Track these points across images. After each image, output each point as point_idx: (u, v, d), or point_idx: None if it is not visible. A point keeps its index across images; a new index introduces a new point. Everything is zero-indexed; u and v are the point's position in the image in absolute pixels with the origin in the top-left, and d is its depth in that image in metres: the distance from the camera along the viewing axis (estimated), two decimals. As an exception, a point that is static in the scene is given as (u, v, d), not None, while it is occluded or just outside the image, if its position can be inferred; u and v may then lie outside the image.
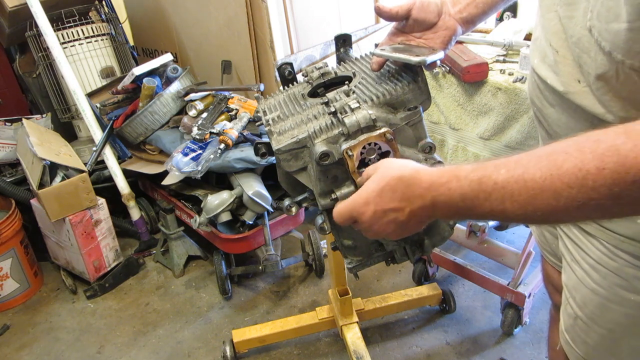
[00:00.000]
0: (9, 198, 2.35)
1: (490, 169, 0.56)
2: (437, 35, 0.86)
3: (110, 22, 2.77)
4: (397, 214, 0.64)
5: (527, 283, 1.77)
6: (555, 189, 0.51)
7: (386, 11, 0.85)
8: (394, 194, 0.63)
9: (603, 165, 0.49)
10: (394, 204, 0.63)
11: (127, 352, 2.00)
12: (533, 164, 0.53)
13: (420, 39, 0.87)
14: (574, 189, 0.50)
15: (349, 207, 0.68)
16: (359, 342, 1.74)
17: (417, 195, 0.62)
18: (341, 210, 0.69)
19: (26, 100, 2.98)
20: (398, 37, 0.88)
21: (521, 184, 0.53)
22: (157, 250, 2.52)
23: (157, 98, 2.34)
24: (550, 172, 0.51)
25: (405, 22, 0.86)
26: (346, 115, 0.72)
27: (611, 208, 0.51)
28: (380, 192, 0.64)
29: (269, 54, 2.46)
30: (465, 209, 0.59)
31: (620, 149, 0.48)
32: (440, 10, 0.85)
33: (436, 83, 1.76)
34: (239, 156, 2.01)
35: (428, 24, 0.86)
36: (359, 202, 0.66)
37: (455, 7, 0.86)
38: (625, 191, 0.48)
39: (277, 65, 1.73)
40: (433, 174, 0.61)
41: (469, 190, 0.57)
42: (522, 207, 0.54)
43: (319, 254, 2.23)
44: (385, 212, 0.64)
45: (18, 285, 2.31)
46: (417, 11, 0.84)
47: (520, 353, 1.80)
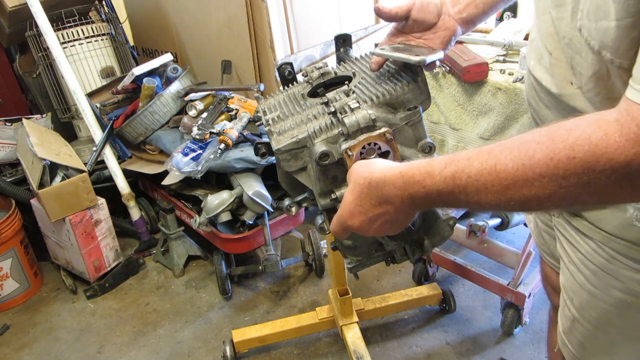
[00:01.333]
0: (9, 198, 2.35)
1: (463, 162, 0.57)
2: (437, 36, 0.86)
3: (110, 22, 2.77)
4: (384, 216, 0.65)
5: (527, 283, 1.77)
6: (527, 179, 0.52)
7: (386, 12, 0.85)
8: (371, 200, 0.64)
9: (574, 154, 0.50)
10: (376, 210, 0.64)
11: (127, 352, 2.00)
12: (505, 154, 0.54)
13: (420, 39, 0.86)
14: (545, 178, 0.51)
15: (339, 222, 0.69)
16: (359, 342, 1.74)
17: (393, 195, 0.62)
18: (334, 227, 0.71)
19: (26, 100, 2.98)
20: (398, 38, 0.88)
21: (494, 176, 0.54)
22: (157, 250, 2.52)
23: (157, 98, 2.34)
24: (522, 162, 0.52)
25: (404, 22, 0.86)
26: (346, 115, 0.72)
27: (580, 196, 0.52)
28: (359, 202, 0.65)
29: (269, 54, 2.46)
30: (443, 202, 0.60)
31: (591, 138, 0.49)
32: (440, 11, 0.85)
33: (436, 83, 1.76)
34: (239, 156, 2.01)
35: (427, 24, 0.86)
36: (344, 216, 0.67)
37: (455, 7, 0.86)
38: (595, 179, 0.49)
39: (277, 65, 1.73)
40: (404, 173, 0.61)
41: (443, 186, 0.58)
42: (496, 197, 0.55)
43: (319, 254, 2.23)
44: (371, 218, 0.65)
45: (18, 285, 2.31)
46: (416, 12, 0.84)
47: (520, 353, 1.80)
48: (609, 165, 0.48)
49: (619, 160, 0.48)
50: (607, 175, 0.49)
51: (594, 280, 0.80)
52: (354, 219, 0.66)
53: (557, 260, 1.03)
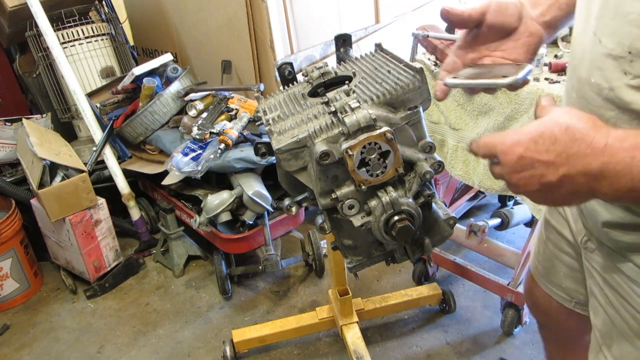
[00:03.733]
0: (9, 198, 2.35)
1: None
2: (520, 44, 0.71)
3: (110, 22, 2.77)
4: (547, 170, 0.53)
5: (527, 283, 1.77)
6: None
7: (457, 14, 0.70)
8: (553, 145, 0.52)
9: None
10: (547, 156, 0.52)
11: (127, 352, 2.00)
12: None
13: (497, 52, 0.72)
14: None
15: (497, 140, 0.56)
16: (359, 342, 1.74)
17: (582, 155, 0.50)
18: (486, 140, 0.58)
19: (26, 100, 2.98)
20: (468, 54, 0.74)
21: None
22: (157, 250, 2.52)
23: (157, 98, 2.34)
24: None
25: (476, 30, 0.72)
26: (346, 115, 0.72)
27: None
28: (538, 137, 0.53)
29: (269, 54, 2.46)
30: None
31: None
32: (521, 13, 0.71)
33: (436, 83, 1.76)
34: (239, 156, 2.01)
35: (507, 29, 0.71)
36: (509, 138, 0.55)
37: (536, 9, 0.72)
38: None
39: (277, 65, 1.73)
40: (613, 135, 0.49)
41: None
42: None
43: (319, 253, 2.23)
44: (533, 162, 0.53)
45: (18, 285, 2.31)
46: (493, 15, 0.70)
47: (520, 353, 1.79)
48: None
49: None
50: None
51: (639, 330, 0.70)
52: (515, 148, 0.54)
53: (559, 288, 0.99)
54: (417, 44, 1.87)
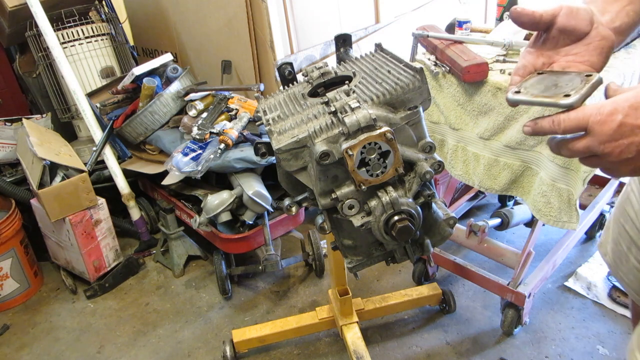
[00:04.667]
0: (9, 198, 2.35)
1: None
2: (592, 47, 0.69)
3: (110, 22, 2.77)
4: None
5: (527, 283, 1.77)
6: None
7: (528, 14, 0.68)
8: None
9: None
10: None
11: (127, 352, 2.00)
12: None
13: (568, 56, 0.70)
14: None
15: (589, 111, 0.56)
16: (359, 342, 1.74)
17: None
18: (574, 114, 0.57)
19: (26, 100, 2.98)
20: (538, 58, 0.72)
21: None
22: (157, 250, 2.52)
23: (157, 98, 2.34)
24: None
25: (546, 34, 0.71)
26: (346, 115, 0.72)
27: None
28: (638, 104, 0.53)
29: (269, 54, 2.46)
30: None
31: None
32: (592, 18, 0.69)
33: (436, 83, 1.76)
34: (239, 156, 2.01)
35: (578, 34, 0.69)
36: (604, 108, 0.55)
37: (605, 15, 0.71)
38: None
39: (277, 65, 1.73)
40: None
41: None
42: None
43: (319, 253, 2.23)
44: (634, 128, 0.54)
45: (18, 285, 2.31)
46: (564, 18, 0.68)
47: (520, 353, 1.80)
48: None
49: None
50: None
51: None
52: (612, 117, 0.54)
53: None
54: (417, 44, 1.87)
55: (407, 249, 0.82)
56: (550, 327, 1.88)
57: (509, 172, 1.64)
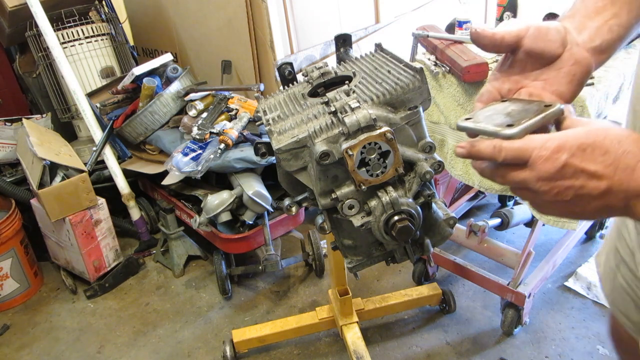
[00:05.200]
0: (9, 198, 2.35)
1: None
2: (563, 73, 0.62)
3: (110, 22, 2.77)
4: (589, 182, 0.48)
5: (527, 283, 1.77)
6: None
7: (487, 36, 0.62)
8: (603, 156, 0.48)
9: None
10: (595, 166, 0.48)
11: (127, 352, 2.00)
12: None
13: (537, 82, 0.64)
14: None
15: (532, 144, 0.50)
16: (359, 342, 1.74)
17: (630, 169, 0.47)
18: (517, 145, 0.51)
19: (26, 100, 2.98)
20: (504, 83, 0.66)
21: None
22: (157, 250, 2.52)
23: (157, 98, 2.34)
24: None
25: (512, 57, 0.65)
26: (346, 115, 0.72)
27: None
28: (588, 145, 0.48)
29: (269, 54, 2.46)
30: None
31: None
32: (565, 39, 0.62)
33: (436, 83, 1.76)
34: (239, 156, 2.01)
35: (548, 57, 0.62)
36: (551, 142, 0.49)
37: (583, 33, 0.63)
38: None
39: (277, 65, 1.73)
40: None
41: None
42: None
43: (319, 253, 2.23)
44: (577, 171, 0.49)
45: (18, 285, 2.31)
46: (531, 40, 0.62)
47: (520, 353, 1.80)
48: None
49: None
50: None
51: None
52: (557, 154, 0.49)
53: (632, 322, 0.93)
54: (417, 44, 1.87)
55: (407, 249, 0.82)
56: (550, 327, 1.88)
57: (509, 172, 1.63)
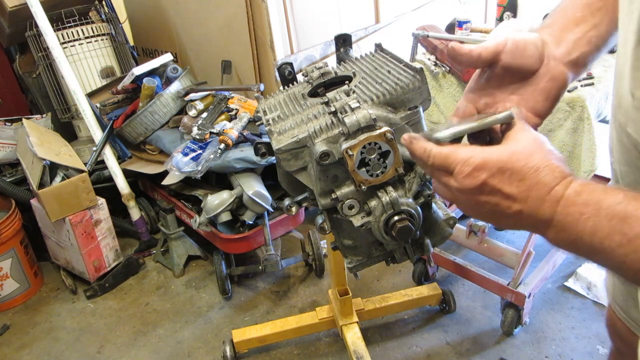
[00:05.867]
0: (9, 198, 2.35)
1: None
2: (539, 90, 0.63)
3: (110, 22, 2.77)
4: (505, 202, 0.51)
5: (527, 283, 1.77)
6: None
7: (465, 54, 0.62)
8: (520, 182, 0.50)
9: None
10: (511, 189, 0.51)
11: (127, 352, 2.00)
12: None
13: (513, 96, 0.64)
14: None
15: (458, 157, 0.52)
16: (359, 342, 1.74)
17: (540, 200, 0.50)
18: (445, 154, 0.54)
19: (26, 100, 2.98)
20: (481, 98, 0.66)
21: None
22: (157, 250, 2.52)
23: (157, 98, 2.34)
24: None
25: (490, 71, 0.65)
26: (346, 115, 0.72)
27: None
28: (507, 169, 0.51)
29: (269, 54, 2.46)
30: (589, 246, 0.47)
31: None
32: (542, 53, 0.62)
33: (436, 83, 1.76)
34: (239, 156, 2.01)
35: (525, 72, 0.63)
36: (474, 159, 0.52)
37: (560, 46, 0.63)
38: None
39: (277, 65, 1.73)
40: (573, 188, 0.49)
41: (605, 225, 0.45)
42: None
43: (319, 253, 2.23)
44: (494, 190, 0.51)
45: (18, 285, 2.31)
46: (508, 55, 0.62)
47: (520, 353, 1.80)
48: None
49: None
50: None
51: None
52: (478, 172, 0.51)
53: (632, 318, 0.95)
54: (417, 44, 1.87)
55: (407, 249, 0.82)
56: (550, 327, 1.88)
57: (509, 172, 1.63)
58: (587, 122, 1.40)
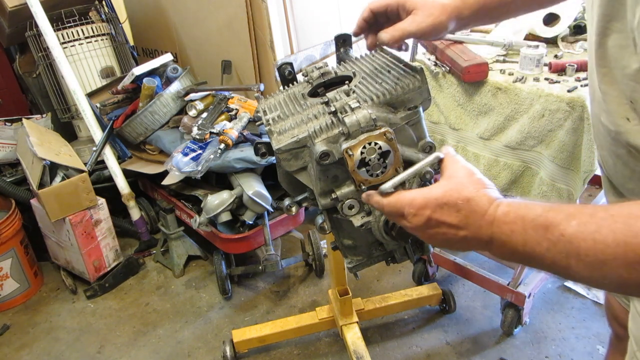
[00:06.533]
0: (9, 198, 2.35)
1: (561, 216, 0.51)
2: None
3: (110, 22, 2.77)
4: (451, 230, 0.60)
5: (527, 283, 1.77)
6: (627, 260, 0.45)
7: (389, 39, 0.81)
8: (457, 212, 0.59)
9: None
10: (452, 220, 0.59)
11: (127, 352, 2.00)
12: (607, 223, 0.47)
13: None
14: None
15: (404, 201, 0.62)
16: (359, 342, 1.74)
17: (478, 225, 0.58)
18: (393, 202, 0.64)
19: (26, 100, 2.98)
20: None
21: (590, 244, 0.47)
22: (157, 250, 2.52)
23: (157, 98, 2.34)
24: (625, 239, 0.45)
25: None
26: (346, 115, 0.71)
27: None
28: (444, 204, 0.60)
29: (269, 54, 2.46)
30: (525, 255, 0.54)
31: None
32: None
33: (436, 83, 1.76)
34: (239, 156, 2.01)
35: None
36: (416, 201, 0.61)
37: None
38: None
39: (277, 65, 1.73)
40: (501, 210, 0.57)
41: (532, 235, 0.52)
42: (589, 270, 0.48)
43: (319, 253, 2.23)
44: (439, 223, 0.60)
45: (18, 285, 2.31)
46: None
47: (520, 353, 1.80)
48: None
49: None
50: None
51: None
52: (422, 211, 0.60)
53: (628, 299, 0.98)
54: (417, 44, 1.87)
55: (407, 249, 0.82)
56: (550, 327, 1.88)
57: (508, 172, 1.63)
58: (587, 122, 1.40)
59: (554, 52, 1.73)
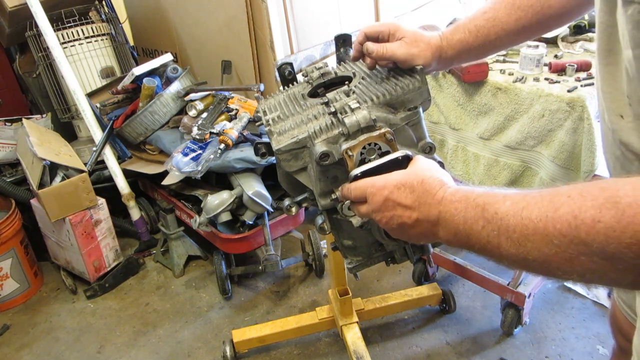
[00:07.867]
0: (9, 198, 2.35)
1: (499, 197, 0.53)
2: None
3: (110, 22, 2.77)
4: (405, 213, 0.62)
5: (527, 283, 1.77)
6: (547, 234, 0.46)
7: (375, 50, 0.84)
8: (411, 193, 0.62)
9: (599, 217, 0.42)
10: (406, 201, 0.62)
11: (127, 352, 2.00)
12: (535, 201, 0.49)
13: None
14: (566, 238, 0.45)
15: (368, 183, 0.66)
16: (359, 342, 1.74)
17: (428, 204, 0.60)
18: (359, 184, 0.67)
19: (26, 100, 2.98)
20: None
21: (518, 220, 0.49)
22: (157, 250, 2.52)
23: (157, 98, 2.34)
24: (546, 214, 0.47)
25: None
26: (346, 116, 0.72)
27: (609, 272, 0.43)
28: (401, 185, 0.63)
29: (269, 54, 2.46)
30: (464, 234, 0.56)
31: (620, 202, 0.41)
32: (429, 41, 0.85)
33: (436, 83, 1.76)
34: (239, 156, 2.01)
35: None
36: (377, 182, 0.65)
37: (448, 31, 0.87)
38: (621, 254, 0.41)
39: (277, 65, 1.73)
40: (449, 191, 0.60)
41: (472, 213, 0.54)
42: (515, 247, 0.50)
43: (319, 254, 2.23)
44: (395, 204, 0.63)
45: (18, 285, 2.31)
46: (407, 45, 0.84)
47: (520, 353, 1.80)
48: (636, 238, 0.40)
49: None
50: (636, 252, 0.40)
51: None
52: (381, 191, 0.64)
53: (634, 311, 0.98)
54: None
55: (407, 250, 0.82)
56: (550, 327, 1.88)
57: (508, 172, 1.63)
58: (587, 122, 1.40)
59: (554, 52, 1.73)
